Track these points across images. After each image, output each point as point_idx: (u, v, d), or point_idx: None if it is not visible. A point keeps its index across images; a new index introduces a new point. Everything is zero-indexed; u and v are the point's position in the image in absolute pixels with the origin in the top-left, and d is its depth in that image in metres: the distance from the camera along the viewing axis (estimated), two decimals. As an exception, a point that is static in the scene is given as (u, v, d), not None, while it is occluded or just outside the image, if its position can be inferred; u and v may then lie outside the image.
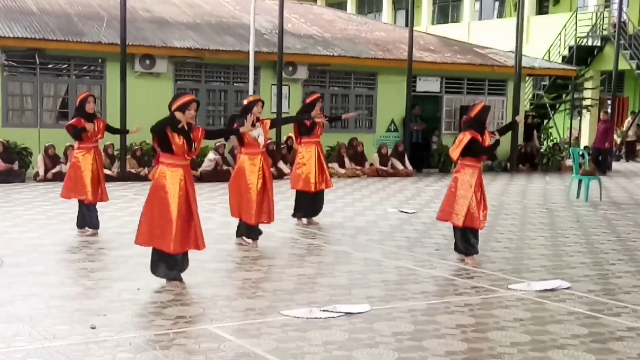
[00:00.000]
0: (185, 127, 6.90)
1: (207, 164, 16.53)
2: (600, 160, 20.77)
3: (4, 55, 16.47)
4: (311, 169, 10.58)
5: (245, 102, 9.05)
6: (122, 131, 13.37)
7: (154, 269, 6.99)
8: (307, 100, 10.75)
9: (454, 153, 8.16)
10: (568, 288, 7.20)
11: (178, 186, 6.84)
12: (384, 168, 18.73)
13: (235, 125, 8.60)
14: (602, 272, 8.05)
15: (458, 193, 8.14)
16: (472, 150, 8.06)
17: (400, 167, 18.96)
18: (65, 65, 17.56)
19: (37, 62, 16.97)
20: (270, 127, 9.27)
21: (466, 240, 8.23)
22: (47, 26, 17.51)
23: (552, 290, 7.10)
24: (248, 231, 9.04)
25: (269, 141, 9.24)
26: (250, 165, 8.87)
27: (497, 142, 8.25)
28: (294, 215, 10.88)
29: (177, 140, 6.83)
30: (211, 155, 16.59)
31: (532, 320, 6.10)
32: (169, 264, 6.93)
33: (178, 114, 6.85)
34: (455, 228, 8.29)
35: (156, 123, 6.90)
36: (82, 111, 9.51)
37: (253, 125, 8.36)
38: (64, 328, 5.59)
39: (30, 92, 17.21)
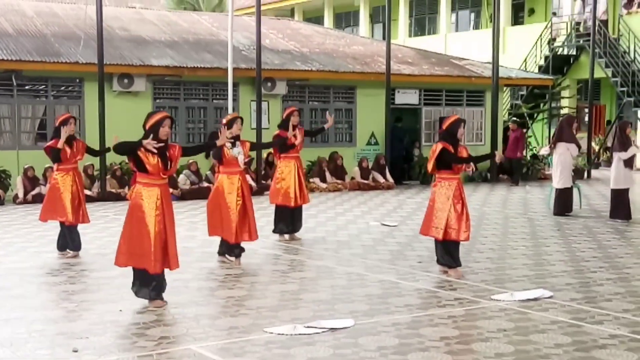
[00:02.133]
0: (157, 145, 6.84)
1: (182, 183, 16.51)
2: (511, 169, 20.69)
3: None
4: (290, 184, 10.62)
5: (224, 120, 9.13)
6: (103, 151, 12.29)
7: (136, 291, 6.96)
8: (284, 115, 10.93)
9: (429, 165, 8.34)
10: (550, 297, 7.24)
11: (155, 205, 6.82)
12: (365, 181, 18.76)
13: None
14: (583, 280, 8.10)
15: (436, 206, 8.20)
16: (445, 162, 8.14)
17: (381, 180, 18.99)
18: (43, 86, 17.48)
19: (14, 83, 16.87)
20: (250, 149, 9.29)
21: (448, 252, 8.27)
22: (24, 47, 17.43)
23: (534, 299, 7.13)
24: (229, 249, 9.01)
25: (247, 159, 9.29)
26: (228, 184, 8.87)
27: (472, 159, 8.35)
28: (274, 231, 10.89)
29: (152, 160, 6.82)
30: (183, 177, 16.57)
31: (516, 330, 6.12)
32: (149, 284, 6.89)
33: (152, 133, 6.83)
34: (436, 241, 8.33)
35: (123, 144, 6.87)
36: (60, 132, 9.46)
37: (234, 144, 8.60)
38: (46, 352, 5.54)
39: (8, 114, 17.10)
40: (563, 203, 13.52)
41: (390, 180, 19.16)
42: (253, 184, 16.41)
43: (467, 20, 34.57)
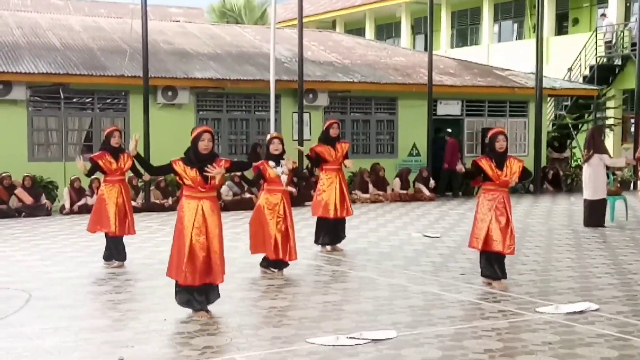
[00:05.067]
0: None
1: (225, 194, 16.62)
2: (450, 181, 20.14)
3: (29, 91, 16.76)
4: (331, 196, 10.66)
5: (267, 138, 9.27)
6: (139, 175, 12.18)
7: (179, 301, 7.02)
8: (324, 127, 11.07)
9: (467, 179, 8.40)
10: (597, 310, 7.12)
11: (193, 218, 6.87)
12: (405, 192, 18.69)
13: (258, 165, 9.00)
14: (630, 292, 7.96)
15: (477, 217, 8.19)
16: (486, 174, 8.13)
17: (426, 192, 18.89)
18: (89, 99, 17.81)
19: (62, 96, 17.23)
20: (293, 174, 9.35)
21: (490, 264, 8.20)
22: (71, 61, 17.79)
23: (580, 312, 7.03)
24: (274, 263, 9.06)
25: (289, 181, 9.37)
26: (269, 202, 8.94)
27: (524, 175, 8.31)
28: (316, 242, 10.92)
29: (190, 173, 6.88)
30: (225, 188, 16.67)
31: (561, 343, 6.04)
32: (188, 295, 6.95)
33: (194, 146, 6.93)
34: (480, 253, 8.29)
35: (157, 170, 7.43)
36: (107, 145, 9.66)
37: (278, 163, 8.84)
38: (93, 360, 5.62)
39: (55, 127, 17.46)
40: (596, 215, 13.35)
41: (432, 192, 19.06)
42: (293, 190, 16.36)
43: (509, 31, 34.31)
